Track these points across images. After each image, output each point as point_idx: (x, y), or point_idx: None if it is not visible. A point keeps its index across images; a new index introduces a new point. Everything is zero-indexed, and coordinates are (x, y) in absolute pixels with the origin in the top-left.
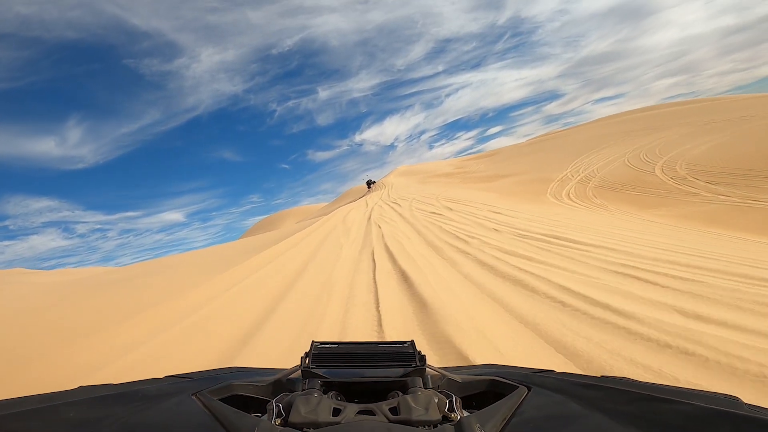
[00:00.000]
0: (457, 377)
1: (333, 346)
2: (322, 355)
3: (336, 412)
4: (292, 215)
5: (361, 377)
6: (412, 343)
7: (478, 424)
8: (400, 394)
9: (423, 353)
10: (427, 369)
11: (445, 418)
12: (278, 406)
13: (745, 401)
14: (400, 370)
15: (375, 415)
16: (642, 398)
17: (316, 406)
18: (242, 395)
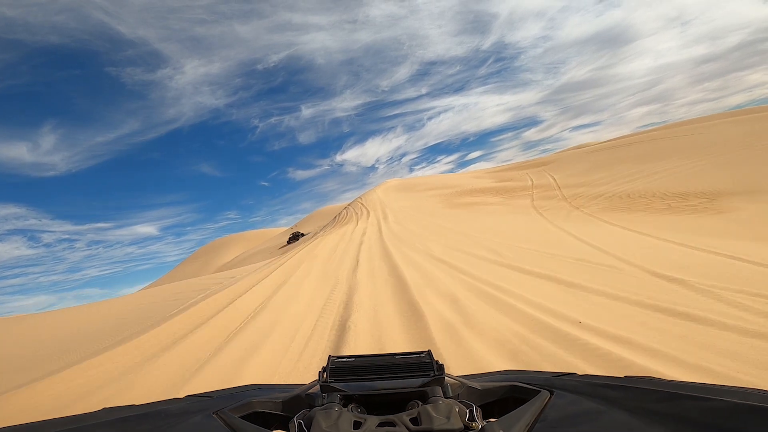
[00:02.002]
0: (477, 384)
1: (350, 359)
2: (339, 369)
3: (357, 425)
4: (243, 240)
5: (380, 389)
6: (429, 352)
7: (501, 431)
8: (420, 404)
9: (441, 362)
10: (445, 378)
11: (467, 428)
12: (299, 422)
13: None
14: (419, 381)
15: (396, 426)
16: (669, 396)
17: (337, 419)
18: (262, 412)
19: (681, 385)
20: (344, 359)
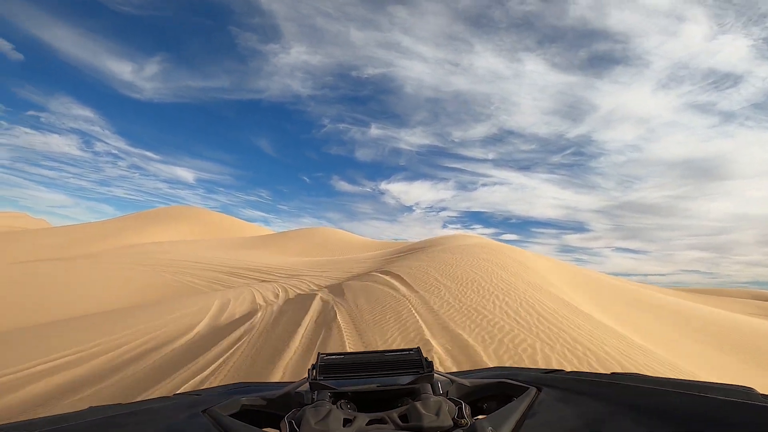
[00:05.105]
0: (466, 381)
1: (339, 356)
2: (329, 366)
3: (346, 422)
4: (193, 218)
5: (370, 386)
6: (418, 350)
7: (490, 428)
8: (410, 401)
9: (430, 359)
10: (435, 375)
11: (456, 425)
12: (290, 422)
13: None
14: (408, 378)
15: (386, 423)
16: (654, 393)
17: (327, 417)
18: (252, 410)
19: (666, 382)
20: (333, 356)
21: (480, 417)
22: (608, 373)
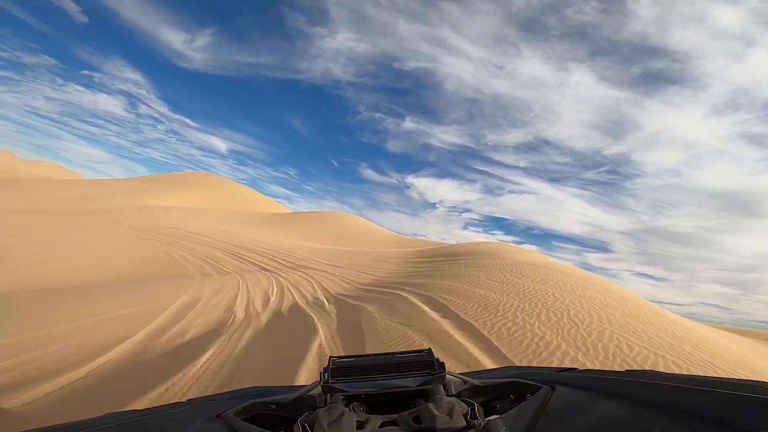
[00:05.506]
0: (478, 381)
1: (351, 359)
2: (340, 369)
3: (360, 424)
4: (213, 186)
5: (382, 388)
6: (429, 351)
7: (504, 427)
8: (423, 402)
9: (442, 360)
10: (447, 375)
11: (469, 425)
12: (303, 425)
13: None
14: (420, 379)
15: (399, 425)
16: (670, 390)
17: (339, 419)
18: (265, 414)
19: (681, 378)
20: (345, 359)
21: (493, 417)
22: (623, 370)
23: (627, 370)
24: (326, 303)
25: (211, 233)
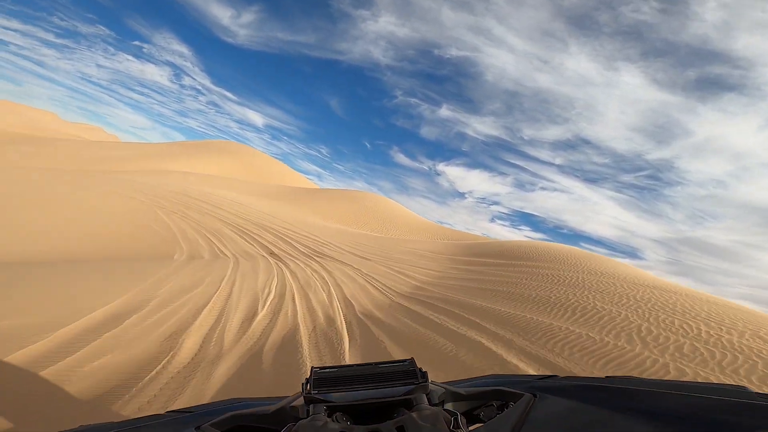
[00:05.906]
0: (461, 390)
1: (333, 370)
2: (323, 379)
3: None
4: (241, 156)
5: (365, 398)
6: (412, 360)
7: None
8: (406, 412)
9: (424, 370)
10: (429, 385)
11: None
12: None
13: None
14: (403, 389)
15: None
16: (650, 395)
17: (322, 430)
18: (245, 426)
19: (661, 384)
20: (327, 370)
21: (476, 425)
22: (603, 376)
23: (606, 377)
24: (345, 338)
25: (223, 204)
